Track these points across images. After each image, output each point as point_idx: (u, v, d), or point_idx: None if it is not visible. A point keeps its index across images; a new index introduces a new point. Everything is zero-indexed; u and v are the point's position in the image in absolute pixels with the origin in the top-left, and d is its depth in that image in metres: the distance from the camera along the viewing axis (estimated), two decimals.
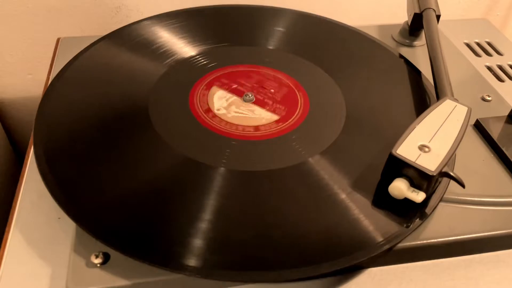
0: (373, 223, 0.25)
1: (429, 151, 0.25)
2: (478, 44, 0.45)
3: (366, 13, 0.54)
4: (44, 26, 0.46)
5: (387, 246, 0.24)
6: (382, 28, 0.44)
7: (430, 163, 0.25)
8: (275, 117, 0.31)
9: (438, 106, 0.28)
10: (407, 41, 0.42)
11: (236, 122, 0.30)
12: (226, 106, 0.32)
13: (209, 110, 0.31)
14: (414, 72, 0.36)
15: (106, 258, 0.23)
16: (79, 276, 0.22)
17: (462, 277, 0.26)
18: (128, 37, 0.36)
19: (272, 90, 0.33)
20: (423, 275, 0.26)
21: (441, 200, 0.27)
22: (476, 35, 0.46)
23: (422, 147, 0.26)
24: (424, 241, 0.26)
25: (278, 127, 0.30)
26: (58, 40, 0.40)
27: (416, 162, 0.25)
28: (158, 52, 0.35)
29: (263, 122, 0.31)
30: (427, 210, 0.26)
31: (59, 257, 0.25)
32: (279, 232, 0.24)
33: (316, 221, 0.25)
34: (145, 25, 0.38)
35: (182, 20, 0.39)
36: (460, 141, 0.27)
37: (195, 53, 0.36)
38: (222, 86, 0.33)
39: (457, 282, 0.26)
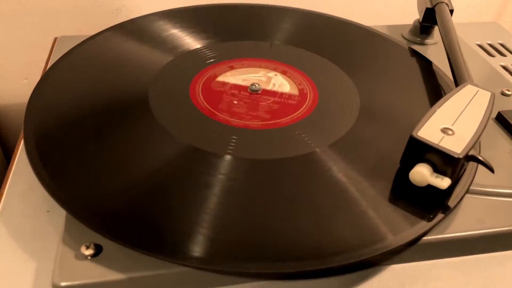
0: (391, 215, 0.23)
1: (453, 134, 0.24)
2: (490, 45, 0.45)
3: (372, 16, 0.55)
4: (42, 27, 0.46)
5: (406, 240, 0.22)
6: (391, 28, 0.44)
7: (455, 145, 0.23)
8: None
9: (459, 91, 0.28)
10: (418, 39, 0.42)
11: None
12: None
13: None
14: (426, 64, 0.36)
15: (98, 249, 0.21)
16: (67, 269, 0.21)
17: (497, 275, 0.24)
18: (130, 30, 0.36)
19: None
20: (452, 272, 0.24)
21: (467, 191, 0.25)
22: (488, 37, 0.46)
23: (445, 130, 0.24)
24: (451, 235, 0.24)
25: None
26: (55, 39, 0.40)
27: (440, 144, 0.23)
28: (160, 45, 0.35)
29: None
30: (453, 201, 0.24)
31: (46, 251, 0.23)
32: (289, 222, 0.23)
33: (328, 212, 0.23)
34: (148, 20, 0.38)
35: (187, 16, 0.39)
36: (485, 125, 0.25)
37: (200, 46, 0.36)
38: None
39: (491, 280, 0.24)
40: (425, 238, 0.23)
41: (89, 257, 0.21)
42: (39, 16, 0.45)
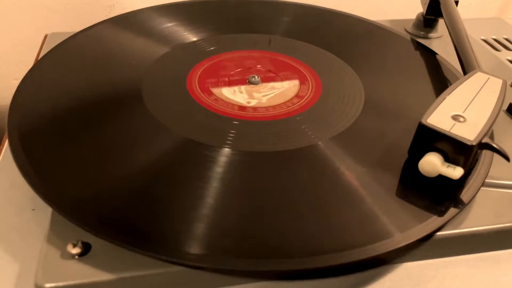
0: (400, 210, 0.22)
1: (465, 121, 0.23)
2: (496, 40, 0.44)
3: (374, 11, 0.54)
4: (32, 24, 0.45)
5: (417, 237, 0.21)
6: (394, 22, 0.43)
7: (467, 133, 0.22)
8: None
9: (468, 78, 0.27)
10: (422, 33, 0.41)
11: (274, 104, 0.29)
12: (247, 97, 0.29)
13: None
14: (430, 55, 0.35)
15: (86, 248, 0.20)
16: (51, 270, 0.19)
17: None
18: (122, 24, 0.35)
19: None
20: (470, 270, 0.22)
21: (483, 184, 0.24)
22: (492, 32, 0.45)
23: (456, 117, 0.23)
24: (467, 229, 0.23)
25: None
26: (45, 36, 0.39)
27: (451, 131, 0.22)
28: (154, 38, 0.34)
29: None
30: (468, 194, 0.23)
31: (31, 252, 0.21)
32: (290, 217, 0.21)
33: (331, 208, 0.22)
34: (141, 13, 0.37)
35: (182, 10, 0.38)
36: (498, 113, 0.24)
37: (196, 38, 0.35)
38: (224, 82, 0.31)
39: None
40: (439, 233, 0.22)
41: (76, 256, 0.20)
42: (29, 13, 0.44)
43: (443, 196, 0.23)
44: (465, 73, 0.29)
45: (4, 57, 0.47)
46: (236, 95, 0.29)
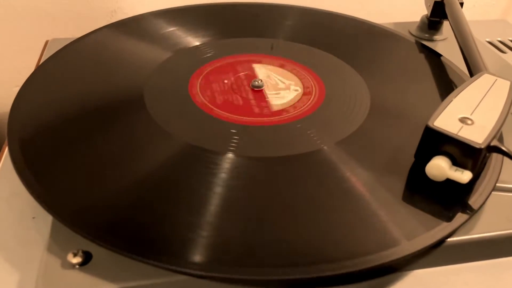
0: (408, 216, 0.22)
1: (472, 123, 0.23)
2: (501, 42, 0.44)
3: (378, 15, 0.54)
4: (33, 31, 0.45)
5: (427, 244, 0.20)
6: (398, 25, 0.43)
7: (475, 135, 0.22)
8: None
9: (475, 80, 0.26)
10: (426, 35, 0.41)
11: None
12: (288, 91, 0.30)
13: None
14: (435, 58, 0.35)
15: (87, 257, 0.20)
16: (51, 280, 0.19)
17: None
18: (123, 29, 0.35)
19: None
20: (481, 277, 0.22)
21: (493, 188, 0.24)
22: (497, 34, 0.45)
23: (463, 120, 0.23)
24: (478, 235, 0.22)
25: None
26: (46, 42, 0.39)
27: (459, 134, 0.22)
28: (156, 43, 0.34)
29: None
30: (479, 199, 0.23)
31: (30, 261, 0.21)
32: (295, 224, 0.21)
33: (337, 214, 0.22)
34: (142, 19, 0.37)
35: (184, 15, 0.38)
36: (507, 115, 0.24)
37: (198, 43, 0.35)
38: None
39: None
40: (449, 240, 0.22)
41: (77, 266, 0.19)
42: (30, 20, 0.44)
43: (452, 201, 0.22)
44: (471, 75, 0.29)
45: (5, 64, 0.47)
46: (284, 96, 0.30)
